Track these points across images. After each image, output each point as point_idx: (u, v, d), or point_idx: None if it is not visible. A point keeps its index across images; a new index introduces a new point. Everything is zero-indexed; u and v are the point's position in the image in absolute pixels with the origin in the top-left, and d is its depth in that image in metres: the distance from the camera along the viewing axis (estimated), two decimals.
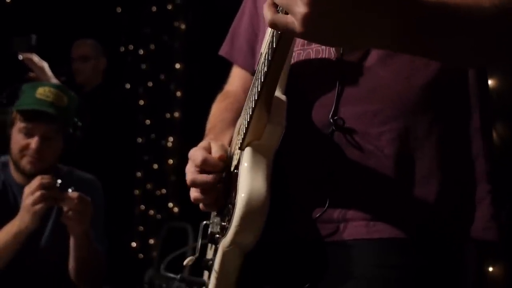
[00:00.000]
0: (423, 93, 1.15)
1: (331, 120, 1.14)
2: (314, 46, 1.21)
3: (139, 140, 5.51)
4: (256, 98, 1.07)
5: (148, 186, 5.45)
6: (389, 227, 1.11)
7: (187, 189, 1.26)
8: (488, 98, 1.22)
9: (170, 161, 5.28)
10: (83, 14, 5.19)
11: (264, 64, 1.03)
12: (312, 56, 1.21)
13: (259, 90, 1.05)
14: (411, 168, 1.13)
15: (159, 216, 5.32)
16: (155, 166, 5.42)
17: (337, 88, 1.15)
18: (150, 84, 5.56)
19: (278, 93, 1.12)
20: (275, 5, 0.90)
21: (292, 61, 1.23)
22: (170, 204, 5.22)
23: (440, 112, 1.16)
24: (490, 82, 2.29)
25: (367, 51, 1.16)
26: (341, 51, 1.16)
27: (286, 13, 0.87)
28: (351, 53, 1.17)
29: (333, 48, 1.18)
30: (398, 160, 1.13)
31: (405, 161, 1.13)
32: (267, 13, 0.89)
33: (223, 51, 1.56)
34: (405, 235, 1.10)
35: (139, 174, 5.48)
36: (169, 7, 5.31)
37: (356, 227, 1.13)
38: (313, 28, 0.85)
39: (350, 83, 1.16)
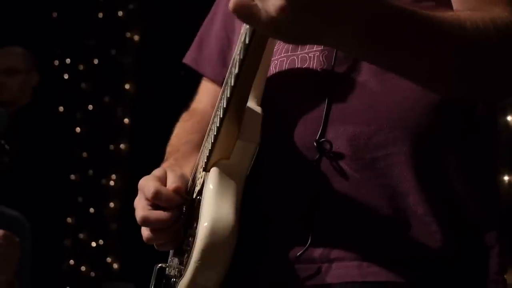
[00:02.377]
0: (426, 115, 1.20)
1: (315, 144, 1.18)
2: (300, 52, 1.26)
3: (73, 177, 5.49)
4: (225, 106, 1.10)
5: (81, 235, 5.42)
6: (384, 270, 1.15)
7: (131, 240, 1.28)
8: (498, 134, 1.31)
9: (112, 205, 5.27)
10: (9, 17, 5.21)
11: (235, 66, 1.06)
12: (297, 64, 1.26)
13: (228, 96, 1.08)
14: (411, 202, 1.18)
15: (93, 273, 5.27)
16: (92, 210, 5.40)
17: (325, 104, 1.20)
18: (90, 107, 5.58)
19: (252, 103, 1.16)
20: None
21: (274, 70, 1.28)
22: (109, 259, 5.19)
23: (446, 140, 1.22)
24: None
25: (362, 62, 1.22)
26: (333, 61, 1.21)
27: None
28: (343, 63, 1.22)
29: (323, 56, 1.23)
30: (395, 192, 1.18)
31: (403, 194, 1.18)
32: None
33: (187, 59, 1.60)
34: (403, 280, 1.14)
35: (70, 220, 5.45)
36: (120, 13, 5.37)
37: (346, 268, 1.16)
38: (285, 24, 0.90)
39: (340, 99, 1.21)
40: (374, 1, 0.98)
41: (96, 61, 5.57)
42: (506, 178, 2.86)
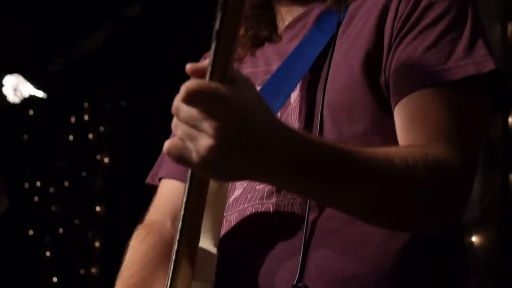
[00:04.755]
0: (398, 259, 1.28)
1: None
2: (276, 200, 1.34)
3: None
4: (176, 249, 1.15)
5: None
6: None
7: None
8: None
9: None
10: None
11: (183, 203, 1.12)
12: (272, 211, 1.34)
13: (178, 238, 1.14)
14: None
15: None
16: None
17: (301, 250, 1.27)
18: (61, 230, 5.58)
19: (207, 244, 1.23)
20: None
21: (247, 213, 1.36)
22: None
23: (419, 276, 1.29)
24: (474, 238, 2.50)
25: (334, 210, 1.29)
26: (307, 208, 1.29)
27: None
28: (316, 211, 1.30)
29: (297, 204, 1.31)
30: None
31: None
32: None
33: (148, 178, 1.66)
34: None
35: None
36: (90, 136, 5.47)
37: None
38: (216, 162, 0.96)
39: (314, 247, 1.28)
40: (295, 139, 1.05)
41: (66, 184, 5.62)
42: None
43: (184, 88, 0.94)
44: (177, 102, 0.97)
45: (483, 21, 1.39)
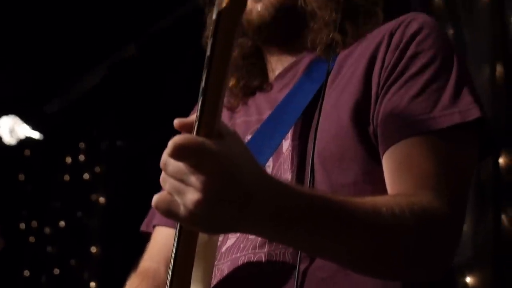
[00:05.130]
0: None
1: None
2: (268, 250, 1.36)
3: None
4: None
5: None
6: None
7: None
8: None
9: None
10: None
11: (172, 256, 1.13)
12: (264, 260, 1.36)
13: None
14: None
15: None
16: None
17: None
18: (57, 271, 5.55)
19: None
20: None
21: (240, 262, 1.38)
22: None
23: None
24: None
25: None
26: (299, 257, 1.31)
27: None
28: (308, 260, 1.32)
29: (288, 254, 1.33)
30: None
31: None
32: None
33: (143, 226, 1.68)
34: None
35: None
36: (86, 176, 5.47)
37: None
38: (203, 216, 0.98)
39: None
40: (283, 192, 1.07)
41: (62, 224, 5.61)
42: None
43: (172, 143, 0.96)
44: (165, 157, 0.99)
45: (471, 62, 1.42)
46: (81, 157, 5.57)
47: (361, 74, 1.42)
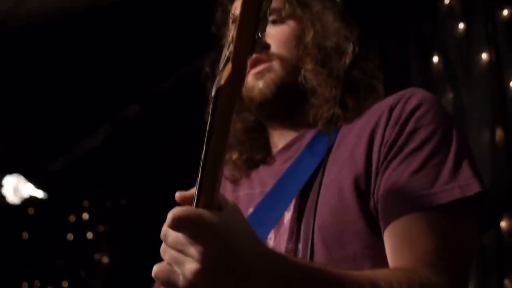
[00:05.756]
0: None
1: None
2: None
3: None
4: None
5: None
6: None
7: None
8: None
9: None
10: None
11: None
12: None
13: None
14: None
15: None
16: None
17: None
18: None
19: None
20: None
21: None
22: None
23: None
24: None
25: None
26: None
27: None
28: None
29: None
30: None
31: None
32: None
33: None
34: None
35: None
36: (89, 235, 5.47)
37: None
38: (202, 286, 1.00)
39: None
40: (281, 264, 1.09)
41: (65, 284, 5.59)
42: None
43: (171, 214, 0.99)
44: (165, 228, 1.03)
45: (471, 125, 1.43)
46: (85, 216, 5.57)
47: (361, 149, 1.44)
